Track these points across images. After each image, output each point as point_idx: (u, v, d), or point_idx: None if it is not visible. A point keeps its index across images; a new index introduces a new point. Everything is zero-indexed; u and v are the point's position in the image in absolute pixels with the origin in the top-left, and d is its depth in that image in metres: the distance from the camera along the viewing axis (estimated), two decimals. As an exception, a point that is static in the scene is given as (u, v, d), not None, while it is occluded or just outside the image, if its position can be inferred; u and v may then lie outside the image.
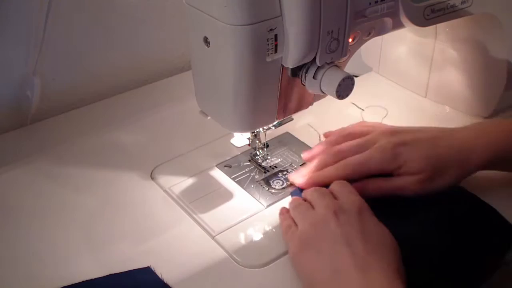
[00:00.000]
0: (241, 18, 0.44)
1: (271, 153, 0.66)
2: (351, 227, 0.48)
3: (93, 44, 0.77)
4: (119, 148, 0.69)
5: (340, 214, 0.49)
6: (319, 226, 0.49)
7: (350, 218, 0.49)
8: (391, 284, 0.44)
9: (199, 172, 0.64)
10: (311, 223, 0.50)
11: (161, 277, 0.51)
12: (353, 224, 0.48)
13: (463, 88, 0.71)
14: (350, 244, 0.47)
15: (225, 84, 0.50)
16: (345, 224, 0.48)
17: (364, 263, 0.45)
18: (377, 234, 0.49)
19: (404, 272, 0.47)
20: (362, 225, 0.49)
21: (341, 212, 0.50)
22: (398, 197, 0.56)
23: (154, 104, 0.78)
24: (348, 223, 0.49)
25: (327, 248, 0.47)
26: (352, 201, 0.51)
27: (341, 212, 0.50)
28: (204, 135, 0.70)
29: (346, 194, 0.53)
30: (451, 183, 0.56)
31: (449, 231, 0.53)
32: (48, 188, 0.63)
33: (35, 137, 0.73)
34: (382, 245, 0.48)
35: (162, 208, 0.60)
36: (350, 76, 0.49)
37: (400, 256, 0.48)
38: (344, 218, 0.49)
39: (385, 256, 0.46)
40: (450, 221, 0.54)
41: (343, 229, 0.48)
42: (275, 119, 0.55)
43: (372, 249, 0.46)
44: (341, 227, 0.48)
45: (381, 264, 0.45)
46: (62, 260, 0.53)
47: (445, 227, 0.54)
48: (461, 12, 0.60)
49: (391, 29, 0.56)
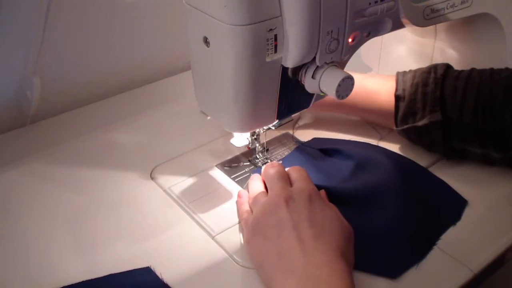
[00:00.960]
0: (241, 18, 0.44)
1: (271, 154, 0.66)
2: (299, 213, 0.50)
3: (93, 44, 0.78)
4: (119, 148, 0.69)
5: (290, 202, 0.51)
6: (269, 213, 0.51)
7: (299, 205, 0.51)
8: (334, 264, 0.46)
9: (199, 172, 0.64)
10: (262, 210, 0.52)
11: (161, 277, 0.51)
12: (301, 211, 0.50)
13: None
14: (297, 229, 0.48)
15: (225, 84, 0.50)
16: (294, 211, 0.50)
17: (308, 247, 0.47)
18: (325, 219, 0.50)
19: (352, 254, 0.50)
20: (311, 211, 0.50)
21: (291, 200, 0.51)
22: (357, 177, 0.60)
23: (154, 104, 0.78)
24: (297, 210, 0.50)
25: (274, 233, 0.49)
26: (302, 189, 0.53)
27: (291, 200, 0.51)
28: (204, 135, 0.70)
29: (299, 181, 0.54)
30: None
31: (406, 200, 0.57)
32: (48, 188, 0.63)
33: (35, 137, 0.73)
34: (329, 230, 0.49)
35: (162, 208, 0.60)
36: (350, 76, 0.49)
37: (351, 240, 0.50)
38: (293, 206, 0.51)
39: (331, 241, 0.48)
40: (407, 190, 0.58)
41: (291, 215, 0.50)
42: (275, 119, 0.55)
43: (319, 233, 0.48)
44: (289, 213, 0.50)
45: (325, 247, 0.47)
46: (61, 260, 0.53)
47: (408, 197, 0.57)
48: (461, 12, 0.60)
49: (391, 29, 0.56)
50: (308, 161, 0.64)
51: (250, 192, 0.57)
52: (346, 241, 0.49)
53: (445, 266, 0.52)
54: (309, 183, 0.54)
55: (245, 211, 0.56)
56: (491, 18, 0.64)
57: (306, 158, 0.65)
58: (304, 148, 0.67)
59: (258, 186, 0.57)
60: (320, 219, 0.50)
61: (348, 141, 0.68)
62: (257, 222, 0.51)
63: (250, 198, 0.56)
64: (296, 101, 0.55)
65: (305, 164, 0.64)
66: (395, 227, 0.54)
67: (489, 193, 0.60)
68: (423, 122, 0.61)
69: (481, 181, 0.61)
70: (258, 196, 0.55)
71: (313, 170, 0.62)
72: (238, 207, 0.58)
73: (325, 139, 0.69)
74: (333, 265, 0.46)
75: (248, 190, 0.58)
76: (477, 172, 0.62)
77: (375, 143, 0.68)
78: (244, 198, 0.58)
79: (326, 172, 0.62)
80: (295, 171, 0.56)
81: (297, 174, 0.56)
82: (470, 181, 0.61)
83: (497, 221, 0.57)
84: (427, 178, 0.62)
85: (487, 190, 0.60)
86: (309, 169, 0.58)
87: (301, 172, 0.56)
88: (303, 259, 0.46)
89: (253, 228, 0.51)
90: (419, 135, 0.63)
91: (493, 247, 0.54)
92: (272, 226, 0.50)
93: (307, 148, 0.67)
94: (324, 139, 0.69)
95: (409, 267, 0.52)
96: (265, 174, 0.57)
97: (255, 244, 0.50)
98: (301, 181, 0.54)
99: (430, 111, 0.60)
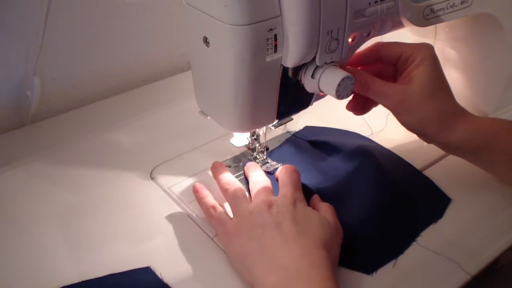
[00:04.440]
0: (241, 18, 0.44)
1: (271, 155, 0.66)
2: (282, 215, 0.50)
3: (93, 44, 0.78)
4: (119, 148, 0.69)
5: (274, 207, 0.51)
6: (252, 216, 0.51)
7: (282, 209, 0.51)
8: (314, 257, 0.46)
9: (199, 172, 0.64)
10: (244, 214, 0.52)
11: (161, 277, 0.51)
12: (284, 213, 0.51)
13: (462, 88, 0.71)
14: (280, 227, 0.49)
15: (224, 84, 0.50)
16: (277, 214, 0.51)
17: (290, 240, 0.48)
18: (306, 218, 0.51)
19: (336, 250, 0.50)
20: (294, 213, 0.51)
21: (275, 206, 0.52)
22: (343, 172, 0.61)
23: (154, 104, 0.78)
24: (280, 213, 0.51)
25: (258, 232, 0.50)
26: (286, 196, 0.53)
27: (275, 205, 0.52)
28: (204, 135, 0.70)
29: (287, 186, 0.55)
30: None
31: (389, 194, 0.58)
32: (48, 188, 0.63)
33: (35, 137, 0.73)
34: (312, 225, 0.50)
35: (161, 208, 0.60)
36: (350, 76, 0.49)
37: (336, 237, 0.51)
38: (277, 210, 0.51)
39: (313, 235, 0.49)
40: (389, 185, 0.59)
41: (274, 217, 0.50)
42: (275, 119, 0.55)
43: (301, 229, 0.49)
44: (272, 216, 0.50)
45: (306, 241, 0.48)
46: (61, 260, 0.53)
47: (386, 191, 0.58)
48: (461, 12, 0.60)
49: (390, 29, 0.56)
50: (297, 154, 0.65)
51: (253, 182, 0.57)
52: (330, 237, 0.50)
53: (442, 269, 0.52)
54: (295, 189, 0.54)
55: (210, 206, 0.55)
56: (491, 18, 0.64)
57: (295, 151, 0.66)
58: (294, 139, 0.68)
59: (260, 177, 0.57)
60: (303, 217, 0.51)
61: (339, 130, 0.70)
62: (241, 226, 0.51)
63: (229, 195, 0.55)
64: (296, 101, 0.55)
65: (294, 156, 0.65)
66: (370, 222, 0.55)
67: (487, 194, 0.60)
68: None
69: (480, 182, 0.61)
70: (240, 201, 0.54)
71: (301, 163, 0.63)
72: (200, 201, 0.57)
73: (317, 128, 0.70)
74: (313, 257, 0.46)
75: (249, 180, 0.58)
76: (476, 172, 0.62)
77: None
78: (204, 192, 0.57)
79: (313, 166, 0.63)
80: (286, 173, 0.57)
81: (288, 177, 0.56)
82: (468, 182, 0.61)
83: (497, 222, 0.57)
84: (411, 173, 0.62)
85: (485, 190, 0.60)
86: (296, 162, 0.58)
87: (293, 175, 0.56)
88: (284, 253, 0.47)
89: (235, 230, 0.51)
90: None
91: (491, 248, 0.54)
92: (255, 227, 0.50)
93: (296, 140, 0.68)
94: (315, 127, 0.70)
95: (385, 263, 0.52)
96: (249, 179, 0.58)
97: (238, 245, 0.50)
98: (287, 186, 0.55)
99: None
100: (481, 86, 0.70)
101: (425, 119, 0.55)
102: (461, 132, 0.55)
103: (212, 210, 0.55)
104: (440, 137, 0.56)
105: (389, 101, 0.56)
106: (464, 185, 0.61)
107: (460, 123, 0.55)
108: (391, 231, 0.55)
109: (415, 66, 0.56)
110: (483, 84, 0.70)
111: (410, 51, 0.57)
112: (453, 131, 0.55)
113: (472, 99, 0.71)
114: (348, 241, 0.52)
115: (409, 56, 0.57)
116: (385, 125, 0.71)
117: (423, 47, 0.57)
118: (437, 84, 0.56)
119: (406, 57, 0.57)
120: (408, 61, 0.57)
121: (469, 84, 0.71)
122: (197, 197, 0.58)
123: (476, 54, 0.69)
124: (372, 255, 0.52)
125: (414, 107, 0.55)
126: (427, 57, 0.56)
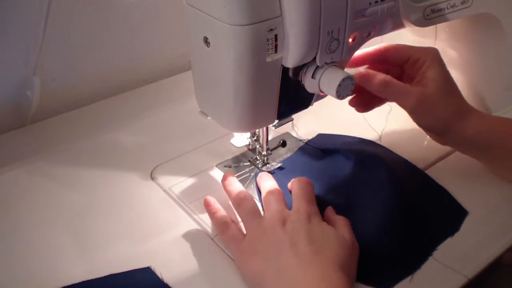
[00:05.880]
0: (241, 18, 0.44)
1: (271, 154, 0.66)
2: (297, 233, 0.49)
3: (93, 44, 0.77)
4: (119, 148, 0.69)
5: (288, 223, 0.51)
6: (266, 234, 0.50)
7: (297, 225, 0.50)
8: (332, 278, 0.46)
9: (199, 172, 0.64)
10: (258, 232, 0.51)
11: (161, 277, 0.51)
12: (299, 230, 0.50)
13: (462, 88, 0.71)
14: (295, 246, 0.48)
15: (224, 84, 0.50)
16: (292, 231, 0.50)
17: (307, 262, 0.47)
18: (323, 236, 0.50)
19: (354, 268, 0.49)
20: (309, 230, 0.50)
21: (289, 221, 0.51)
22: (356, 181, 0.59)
23: (154, 104, 0.78)
24: (294, 230, 0.50)
25: (273, 252, 0.49)
26: (300, 210, 0.52)
27: (289, 221, 0.51)
28: (204, 135, 0.70)
29: (299, 199, 0.54)
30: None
31: (405, 208, 0.56)
32: (48, 188, 0.63)
33: (35, 137, 0.73)
34: (328, 244, 0.49)
35: (162, 208, 0.60)
36: (350, 76, 0.49)
37: (353, 254, 0.50)
38: (291, 226, 0.50)
39: (330, 255, 0.48)
40: (405, 198, 0.57)
41: (289, 234, 0.49)
42: (275, 119, 0.55)
43: (318, 249, 0.48)
44: (287, 233, 0.49)
45: (324, 262, 0.47)
46: (62, 260, 0.53)
47: (401, 204, 0.56)
48: (461, 12, 0.60)
49: (391, 29, 0.56)
50: (309, 163, 0.64)
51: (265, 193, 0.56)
52: (347, 255, 0.49)
53: (438, 272, 0.51)
54: (309, 202, 0.53)
55: (222, 222, 0.54)
56: (491, 18, 0.64)
57: (308, 160, 0.65)
58: (307, 148, 0.67)
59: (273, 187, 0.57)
60: (319, 235, 0.49)
61: (353, 138, 0.68)
62: (255, 244, 0.50)
63: (242, 212, 0.55)
64: (296, 101, 0.55)
65: (306, 165, 0.63)
66: (386, 237, 0.53)
67: (486, 195, 0.60)
68: None
69: (479, 183, 0.61)
70: (253, 217, 0.53)
71: (313, 172, 0.62)
72: (212, 216, 0.56)
73: (330, 135, 0.69)
74: (331, 279, 0.45)
75: (261, 190, 0.57)
76: (476, 173, 0.62)
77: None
78: (216, 206, 0.56)
79: (326, 175, 0.62)
80: (300, 186, 0.55)
81: (301, 190, 0.55)
82: (468, 183, 0.61)
83: (495, 224, 0.57)
84: (427, 185, 0.61)
85: (484, 191, 0.60)
86: (309, 171, 0.57)
87: (306, 188, 0.55)
88: (301, 275, 0.46)
89: (250, 249, 0.50)
90: None
91: (488, 251, 0.54)
92: (270, 246, 0.49)
93: (309, 148, 0.67)
94: (328, 135, 0.70)
95: (402, 278, 0.51)
96: (261, 189, 0.57)
97: (252, 263, 0.49)
98: (301, 200, 0.54)
99: None
100: (481, 86, 0.70)
101: (444, 117, 0.57)
102: (476, 125, 0.57)
103: (225, 226, 0.54)
104: (457, 133, 0.58)
105: (409, 100, 0.56)
106: (464, 185, 0.61)
107: (474, 118, 0.58)
108: (407, 246, 0.53)
109: (427, 68, 0.57)
110: (483, 84, 0.70)
111: (418, 54, 0.58)
112: (469, 126, 0.57)
113: (472, 99, 0.71)
114: (364, 256, 0.51)
115: (417, 59, 0.58)
116: (385, 124, 0.71)
117: (430, 50, 0.59)
118: (449, 84, 0.58)
119: (414, 60, 0.59)
120: (417, 64, 0.58)
121: (469, 84, 0.71)
122: (208, 211, 0.57)
123: (476, 54, 0.69)
124: (389, 271, 0.51)
125: (433, 107, 0.57)
126: (435, 60, 0.58)
